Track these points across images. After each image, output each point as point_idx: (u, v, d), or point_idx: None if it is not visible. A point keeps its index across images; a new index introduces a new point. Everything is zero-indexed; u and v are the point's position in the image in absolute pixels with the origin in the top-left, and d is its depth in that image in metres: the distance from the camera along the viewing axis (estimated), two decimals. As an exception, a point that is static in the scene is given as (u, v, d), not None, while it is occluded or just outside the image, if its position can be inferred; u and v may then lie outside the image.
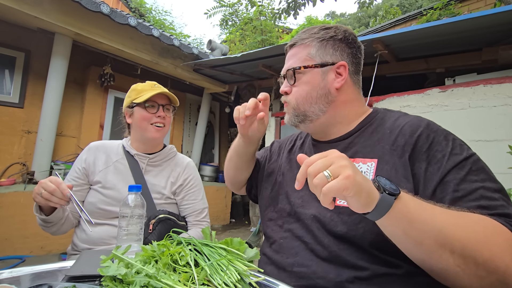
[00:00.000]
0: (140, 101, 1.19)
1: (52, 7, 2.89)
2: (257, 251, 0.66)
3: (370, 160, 0.72)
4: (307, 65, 0.80)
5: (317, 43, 0.81)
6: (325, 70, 0.80)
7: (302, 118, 0.83)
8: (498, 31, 2.48)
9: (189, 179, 1.30)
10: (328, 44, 0.81)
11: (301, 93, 0.81)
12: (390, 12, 8.34)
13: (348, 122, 0.82)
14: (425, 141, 0.68)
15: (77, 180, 1.19)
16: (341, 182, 0.49)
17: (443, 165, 0.63)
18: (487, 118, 2.29)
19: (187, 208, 1.27)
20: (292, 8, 4.22)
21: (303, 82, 0.81)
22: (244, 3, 6.39)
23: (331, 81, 0.80)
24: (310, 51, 0.81)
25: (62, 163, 3.45)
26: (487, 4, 5.28)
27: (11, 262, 2.74)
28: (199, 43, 9.69)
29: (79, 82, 3.86)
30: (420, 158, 0.66)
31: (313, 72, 0.80)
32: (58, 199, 0.94)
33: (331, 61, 0.80)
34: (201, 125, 4.99)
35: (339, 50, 0.81)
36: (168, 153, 1.32)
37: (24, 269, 0.74)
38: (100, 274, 0.56)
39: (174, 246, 0.65)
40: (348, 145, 0.79)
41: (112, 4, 6.70)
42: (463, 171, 0.62)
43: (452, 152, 0.65)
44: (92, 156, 1.22)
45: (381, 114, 0.82)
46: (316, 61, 0.80)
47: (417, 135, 0.69)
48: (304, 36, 0.84)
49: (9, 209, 2.82)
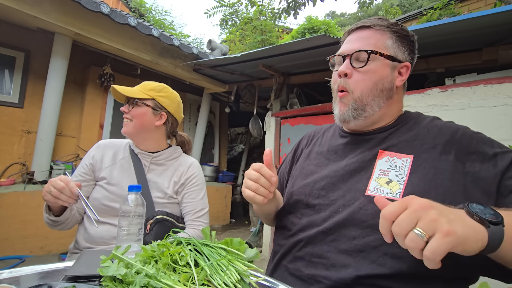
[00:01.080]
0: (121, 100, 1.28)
1: (52, 7, 2.88)
2: (257, 251, 0.66)
3: (406, 155, 0.70)
4: (383, 52, 0.75)
5: (394, 36, 0.78)
6: (394, 65, 0.77)
7: (360, 113, 0.77)
8: (498, 31, 2.48)
9: (191, 177, 1.28)
10: (403, 41, 0.78)
11: (368, 83, 0.75)
12: (390, 12, 8.33)
13: (390, 119, 0.81)
14: (470, 140, 0.68)
15: (84, 176, 1.21)
16: (444, 243, 0.42)
17: (498, 163, 0.63)
18: (488, 118, 2.29)
19: (185, 206, 1.25)
20: (292, 8, 4.21)
21: (372, 70, 0.75)
22: (244, 3, 6.39)
23: (395, 78, 0.78)
24: (386, 40, 0.77)
25: (62, 163, 3.45)
26: (487, 4, 5.28)
27: (11, 262, 2.74)
28: (199, 43, 9.68)
29: (79, 82, 3.86)
30: (470, 158, 0.66)
31: (384, 62, 0.76)
32: (66, 197, 0.94)
33: (400, 58, 0.77)
34: (201, 125, 4.99)
35: (408, 51, 0.79)
36: (172, 153, 1.31)
37: (24, 269, 0.74)
38: (100, 274, 0.56)
39: (174, 246, 0.65)
40: (383, 140, 0.77)
41: (112, 4, 6.69)
42: None
43: (503, 148, 0.66)
44: (100, 153, 1.25)
45: (415, 114, 0.81)
46: (390, 53, 0.76)
47: (460, 135, 0.69)
48: (382, 24, 0.78)
49: (9, 209, 2.82)
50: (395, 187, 0.67)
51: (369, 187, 0.70)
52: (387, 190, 0.68)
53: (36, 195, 2.98)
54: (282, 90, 4.07)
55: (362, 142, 0.80)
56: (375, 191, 0.69)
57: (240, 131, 8.75)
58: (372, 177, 0.72)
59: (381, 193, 0.67)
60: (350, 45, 0.79)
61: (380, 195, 0.66)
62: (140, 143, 1.27)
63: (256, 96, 4.38)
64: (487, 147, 0.66)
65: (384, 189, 0.68)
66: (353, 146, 0.81)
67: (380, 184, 0.69)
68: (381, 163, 0.72)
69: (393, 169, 0.70)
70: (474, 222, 0.47)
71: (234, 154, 7.72)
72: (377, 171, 0.72)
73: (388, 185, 0.68)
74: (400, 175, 0.68)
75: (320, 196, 0.77)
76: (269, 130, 3.98)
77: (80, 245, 1.15)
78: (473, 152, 0.66)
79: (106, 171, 1.21)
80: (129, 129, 1.21)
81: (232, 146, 8.12)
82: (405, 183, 0.67)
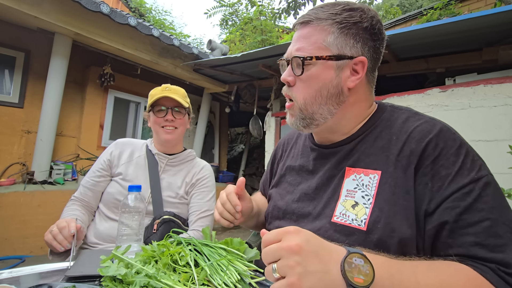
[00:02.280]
0: (148, 106, 1.26)
1: (52, 7, 2.88)
2: (257, 251, 0.65)
3: (373, 171, 0.64)
4: (320, 55, 0.66)
5: (337, 29, 0.66)
6: (340, 65, 0.66)
7: (309, 122, 0.71)
8: (498, 31, 2.48)
9: (202, 179, 1.31)
10: (349, 33, 0.66)
11: (309, 91, 0.68)
12: (390, 12, 8.33)
13: (353, 124, 0.72)
14: (432, 151, 0.59)
15: (101, 171, 1.24)
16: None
17: (445, 186, 0.56)
18: (487, 118, 2.29)
19: (192, 206, 1.26)
20: (292, 8, 4.21)
21: (313, 76, 0.67)
22: (244, 3, 6.39)
23: (345, 79, 0.67)
24: (326, 37, 0.66)
25: (62, 163, 3.45)
26: (487, 4, 5.28)
27: (11, 262, 2.74)
28: (199, 43, 9.69)
29: (79, 82, 3.86)
30: (424, 172, 0.59)
31: (326, 65, 0.66)
32: (62, 238, 0.93)
33: (349, 54, 0.66)
34: (201, 125, 4.99)
35: (361, 42, 0.66)
36: (187, 156, 1.35)
37: (24, 269, 0.74)
38: (100, 274, 0.56)
39: (174, 246, 0.65)
40: (350, 152, 0.71)
41: (112, 4, 6.69)
42: (470, 198, 0.54)
43: (459, 172, 0.56)
44: (118, 150, 1.29)
45: (387, 113, 0.71)
46: (332, 52, 0.66)
47: (425, 144, 0.60)
48: (322, 16, 0.67)
49: (9, 209, 2.81)
50: (361, 212, 0.62)
51: (335, 213, 0.66)
52: (352, 216, 0.63)
53: (36, 195, 2.98)
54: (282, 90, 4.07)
55: (329, 156, 0.75)
56: (341, 217, 0.65)
57: (240, 131, 8.74)
58: (339, 199, 0.67)
59: (347, 219, 0.63)
60: (291, 47, 0.71)
61: (345, 221, 0.63)
62: (174, 146, 1.32)
63: (256, 96, 4.38)
64: (446, 163, 0.58)
65: (349, 215, 0.63)
66: (322, 161, 0.76)
67: (346, 208, 0.65)
68: (348, 182, 0.67)
69: (360, 188, 0.65)
70: (338, 276, 0.44)
71: (234, 154, 7.72)
72: (344, 192, 0.67)
73: (354, 209, 0.64)
74: (367, 196, 0.63)
75: (292, 220, 0.75)
76: (269, 130, 3.98)
77: (88, 240, 1.17)
78: (429, 165, 0.59)
79: (122, 167, 1.25)
80: (175, 136, 1.27)
81: (232, 146, 8.13)
82: (371, 207, 0.62)
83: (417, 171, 0.60)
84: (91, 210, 1.23)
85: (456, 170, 0.56)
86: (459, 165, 0.57)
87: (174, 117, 1.25)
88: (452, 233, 0.54)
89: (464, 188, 0.55)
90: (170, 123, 1.25)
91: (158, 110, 1.25)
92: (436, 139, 0.60)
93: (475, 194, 0.54)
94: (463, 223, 0.53)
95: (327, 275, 0.44)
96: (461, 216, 0.53)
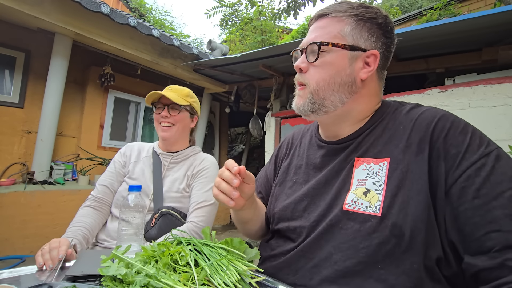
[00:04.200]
0: (148, 103, 1.34)
1: (52, 7, 2.89)
2: (257, 251, 0.66)
3: (382, 159, 0.65)
4: (336, 43, 0.68)
5: (354, 21, 0.69)
6: (354, 55, 0.68)
7: (318, 108, 0.70)
8: (498, 31, 2.48)
9: (202, 170, 1.30)
10: (365, 26, 0.69)
11: (323, 76, 0.69)
12: (390, 12, 8.33)
13: (360, 117, 0.73)
14: (440, 133, 0.60)
15: (116, 170, 1.32)
16: None
17: (456, 164, 0.56)
18: (487, 118, 2.29)
19: (191, 197, 1.25)
20: (292, 8, 4.21)
21: (327, 63, 0.69)
22: (244, 3, 6.39)
23: (358, 70, 0.69)
24: (343, 27, 0.69)
25: (62, 163, 3.46)
26: (487, 4, 5.28)
27: (11, 262, 2.74)
28: (199, 43, 9.70)
29: (79, 82, 3.86)
30: (436, 155, 0.59)
31: (341, 54, 0.68)
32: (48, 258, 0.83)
33: (363, 46, 0.68)
34: (201, 125, 4.99)
35: (375, 36, 0.69)
36: (192, 151, 1.38)
37: (24, 269, 0.74)
38: (100, 274, 0.56)
39: (174, 246, 0.65)
40: (359, 145, 0.71)
41: (112, 4, 6.70)
42: (484, 172, 0.53)
43: (468, 149, 0.56)
44: (129, 151, 1.38)
45: (392, 107, 0.73)
46: (348, 42, 0.68)
47: (432, 128, 0.61)
48: (340, 9, 0.70)
49: (9, 209, 2.82)
50: (374, 199, 0.62)
51: (346, 201, 0.65)
52: (365, 203, 0.62)
53: (36, 195, 2.98)
54: (282, 90, 4.07)
55: (339, 151, 0.74)
56: (353, 204, 0.64)
57: (240, 131, 8.74)
58: (350, 189, 0.67)
59: (360, 207, 0.63)
60: (307, 37, 0.73)
61: (359, 209, 0.62)
62: (174, 144, 1.35)
63: (256, 96, 4.38)
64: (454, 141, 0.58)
65: (362, 202, 0.63)
66: (331, 157, 0.75)
67: (358, 196, 0.64)
68: (358, 172, 0.67)
69: (370, 176, 0.65)
70: None
71: (234, 154, 7.72)
72: (355, 181, 0.67)
73: (366, 196, 0.63)
74: (378, 183, 0.63)
75: (301, 217, 0.73)
76: (269, 130, 3.98)
77: (98, 237, 1.21)
78: (439, 148, 0.59)
79: (130, 166, 1.33)
80: (172, 133, 1.30)
81: (232, 146, 8.13)
82: (383, 193, 0.61)
83: (431, 156, 0.60)
84: (107, 209, 1.27)
85: (465, 147, 0.57)
86: (467, 142, 0.57)
87: (170, 114, 1.28)
88: (476, 210, 0.52)
89: (476, 163, 0.54)
90: (165, 119, 1.29)
91: (157, 107, 1.32)
92: (441, 121, 0.61)
93: (489, 168, 0.53)
94: (485, 198, 0.52)
95: None
96: (480, 192, 0.52)
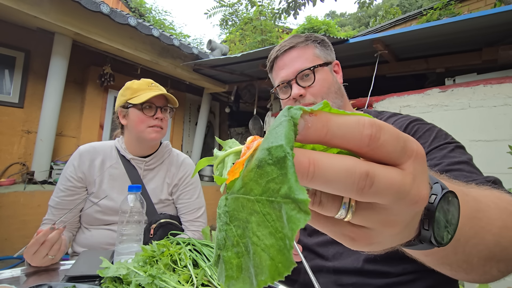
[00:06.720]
0: (136, 102, 1.11)
1: (51, 7, 2.88)
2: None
3: None
4: (319, 63, 0.82)
5: (317, 44, 0.86)
6: (330, 67, 0.86)
7: None
8: (498, 31, 2.48)
9: (184, 177, 1.26)
10: (323, 46, 0.87)
11: (324, 89, 0.82)
12: (390, 12, 8.33)
13: None
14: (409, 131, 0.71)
15: (72, 189, 1.11)
16: None
17: (425, 145, 0.65)
18: (487, 118, 2.29)
19: (182, 207, 1.24)
20: (292, 8, 4.21)
21: (321, 80, 0.82)
22: (244, 3, 6.39)
23: (336, 78, 0.86)
24: (314, 51, 0.84)
25: (62, 163, 3.45)
26: (487, 4, 5.28)
27: (11, 262, 2.74)
28: (199, 43, 9.69)
29: (79, 82, 3.86)
30: None
31: (325, 70, 0.84)
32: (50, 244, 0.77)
33: (330, 59, 0.86)
34: (201, 125, 4.99)
35: (329, 51, 0.88)
36: (164, 152, 1.26)
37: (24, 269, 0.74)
38: (100, 274, 0.56)
39: (174, 246, 0.65)
40: None
41: (112, 4, 6.69)
42: (446, 150, 0.64)
43: (435, 139, 0.68)
44: (85, 163, 1.13)
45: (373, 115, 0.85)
46: (323, 60, 0.84)
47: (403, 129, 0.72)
48: (300, 40, 0.85)
49: (9, 209, 2.81)
50: None
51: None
52: None
53: (36, 195, 2.98)
54: (282, 90, 4.07)
55: None
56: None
57: (240, 131, 8.74)
58: None
59: None
60: (287, 70, 0.84)
61: None
62: (153, 147, 1.23)
63: (256, 96, 4.38)
64: (423, 136, 0.69)
65: None
66: None
67: None
68: None
69: None
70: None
71: (234, 154, 7.70)
72: None
73: None
74: None
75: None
76: (269, 130, 3.98)
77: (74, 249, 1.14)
78: None
79: (95, 186, 1.12)
80: (161, 136, 1.18)
81: (232, 146, 8.10)
82: None
83: None
84: (71, 227, 1.13)
85: (432, 138, 0.68)
86: (434, 135, 0.69)
87: (163, 116, 1.17)
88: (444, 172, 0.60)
89: (440, 146, 0.65)
90: (159, 122, 1.14)
91: (147, 108, 1.14)
92: (411, 123, 0.74)
93: (451, 148, 0.64)
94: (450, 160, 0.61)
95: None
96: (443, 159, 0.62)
